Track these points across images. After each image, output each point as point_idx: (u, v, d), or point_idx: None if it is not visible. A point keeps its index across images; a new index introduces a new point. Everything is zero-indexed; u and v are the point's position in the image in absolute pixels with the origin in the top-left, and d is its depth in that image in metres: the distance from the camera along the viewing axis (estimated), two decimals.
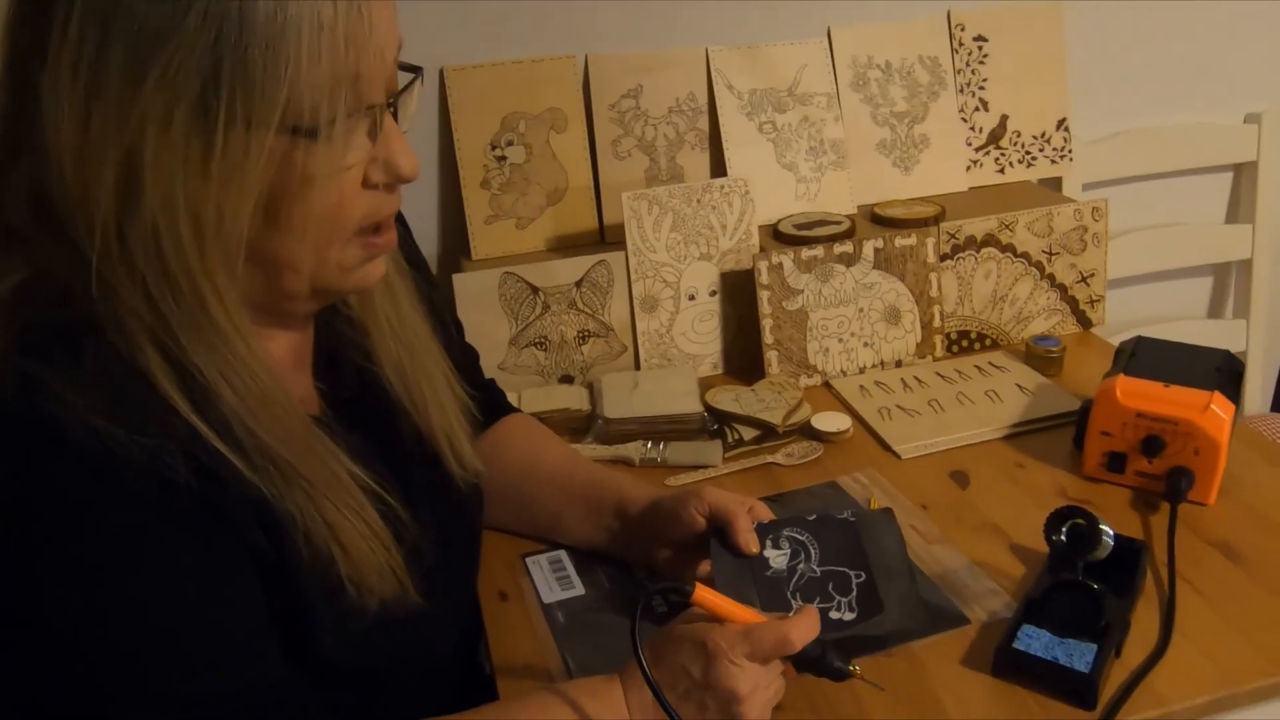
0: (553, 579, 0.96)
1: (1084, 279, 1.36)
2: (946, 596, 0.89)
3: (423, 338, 0.85)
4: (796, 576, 0.85)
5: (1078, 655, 0.80)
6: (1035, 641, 0.81)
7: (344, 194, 0.66)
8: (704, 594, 0.73)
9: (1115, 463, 1.03)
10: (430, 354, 0.86)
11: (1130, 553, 0.90)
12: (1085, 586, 0.84)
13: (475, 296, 1.23)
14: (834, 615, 0.82)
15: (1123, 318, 1.59)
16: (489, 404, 1.06)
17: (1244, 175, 1.66)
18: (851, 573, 0.85)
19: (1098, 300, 1.38)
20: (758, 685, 0.72)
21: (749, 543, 0.84)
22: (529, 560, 0.99)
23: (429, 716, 0.73)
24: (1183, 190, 1.66)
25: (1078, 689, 0.78)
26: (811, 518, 0.88)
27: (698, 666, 0.71)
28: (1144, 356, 1.07)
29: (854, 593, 0.84)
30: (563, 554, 0.99)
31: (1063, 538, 0.86)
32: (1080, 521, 0.85)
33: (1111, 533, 0.84)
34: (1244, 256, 1.68)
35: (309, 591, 0.69)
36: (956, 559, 0.94)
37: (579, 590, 0.94)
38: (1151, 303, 1.73)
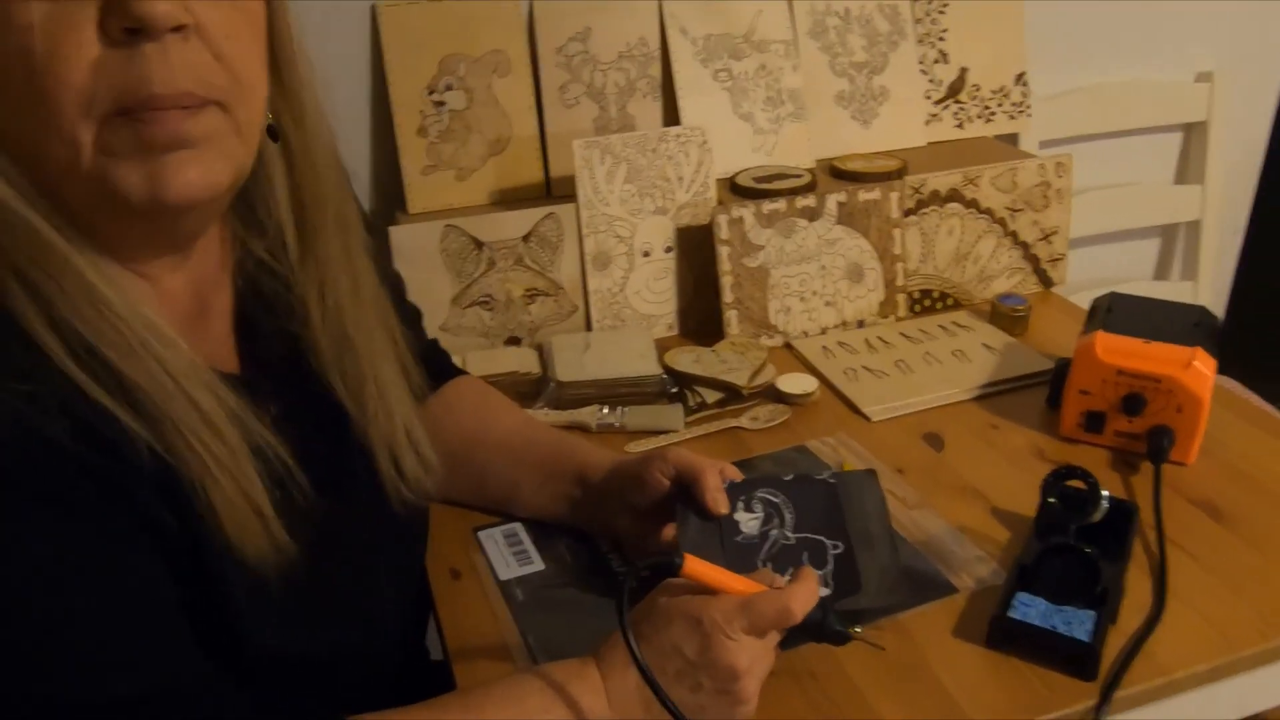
0: (509, 554, 0.88)
1: (1046, 237, 1.32)
2: (932, 564, 0.84)
3: (364, 295, 0.75)
4: (769, 544, 0.78)
5: (1076, 623, 0.75)
6: (1031, 610, 0.76)
7: (55, 42, 0.52)
8: (695, 565, 0.67)
9: (1094, 422, 0.99)
10: (372, 308, 0.76)
11: (1120, 515, 0.85)
12: (1079, 551, 0.80)
13: (414, 252, 1.14)
14: None
15: (1070, 279, 1.56)
16: (437, 366, 0.97)
17: (1194, 135, 1.65)
18: (829, 542, 0.79)
19: (1059, 259, 1.34)
20: (756, 659, 0.66)
21: (718, 501, 0.78)
22: (482, 534, 0.91)
23: (377, 710, 0.65)
24: (1134, 150, 1.64)
25: (1079, 658, 0.74)
26: (788, 478, 0.82)
27: (692, 644, 0.65)
28: (1120, 313, 1.03)
29: (830, 565, 0.78)
30: (518, 527, 0.91)
31: (1054, 500, 0.81)
32: (1078, 484, 0.81)
33: (1107, 495, 0.80)
34: (1193, 218, 1.67)
35: (225, 571, 0.60)
36: (938, 524, 0.89)
37: (538, 565, 0.87)
38: (1099, 264, 1.71)
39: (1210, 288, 1.70)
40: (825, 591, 0.76)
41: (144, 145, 0.55)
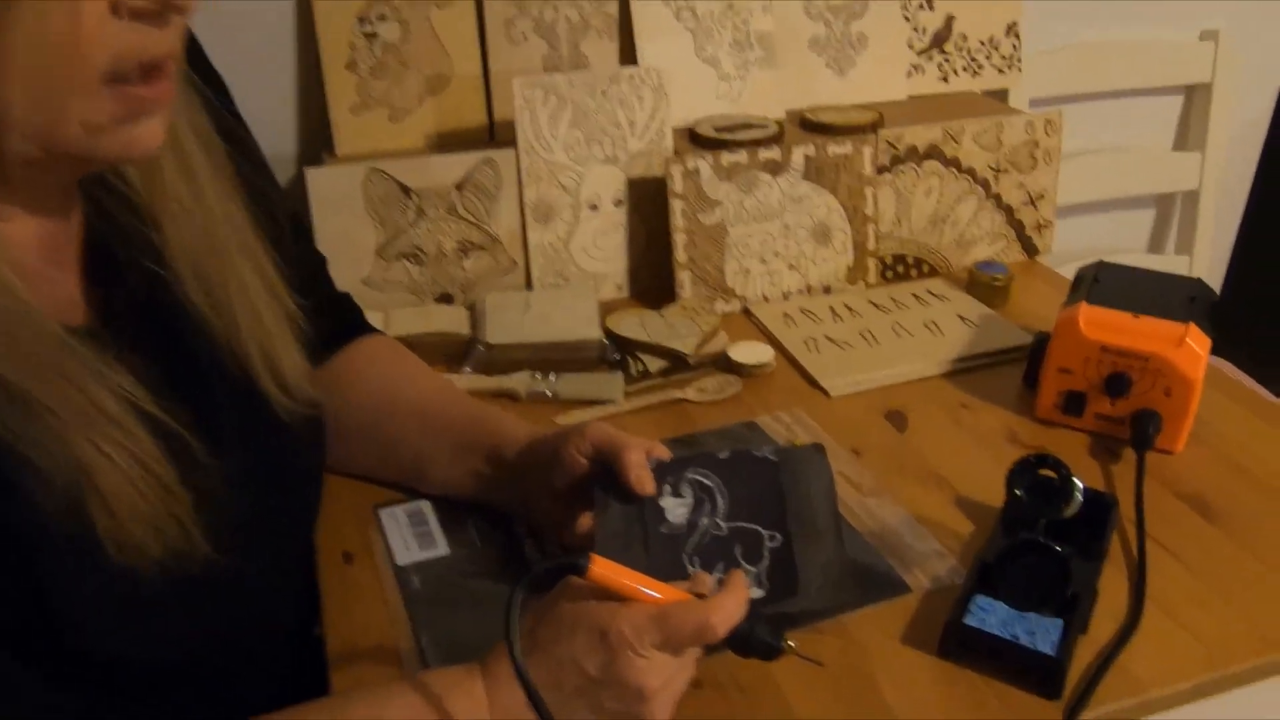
0: (410, 535, 0.78)
1: (1032, 200, 1.22)
2: (884, 559, 0.75)
3: (232, 232, 0.67)
4: (697, 534, 0.69)
5: (1041, 633, 0.66)
6: (990, 616, 0.67)
7: (79, 19, 0.48)
8: (604, 568, 0.57)
9: (1073, 404, 0.90)
10: (245, 253, 0.67)
11: (1097, 509, 0.76)
12: (1048, 549, 0.70)
13: (334, 197, 1.03)
14: None
15: (1057, 249, 1.46)
16: (341, 322, 0.87)
17: (1196, 98, 1.54)
18: (765, 533, 0.69)
19: (1046, 225, 1.24)
20: (668, 679, 0.56)
21: (641, 480, 0.68)
22: (383, 512, 0.81)
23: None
24: (1131, 112, 1.54)
25: (1041, 674, 0.65)
26: (723, 455, 0.72)
27: (595, 659, 0.56)
28: (1108, 283, 0.93)
29: (765, 561, 0.68)
30: (425, 505, 0.81)
31: (1022, 492, 0.71)
32: (1049, 473, 0.71)
33: (1082, 486, 0.70)
34: (1190, 187, 1.57)
35: (55, 560, 0.52)
36: (894, 514, 0.80)
37: (442, 550, 0.77)
38: (1088, 235, 1.61)
39: (1206, 263, 1.61)
40: (759, 593, 0.67)
41: (137, 110, 0.53)
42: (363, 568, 0.76)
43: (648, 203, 1.12)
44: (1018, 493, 0.71)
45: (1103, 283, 0.93)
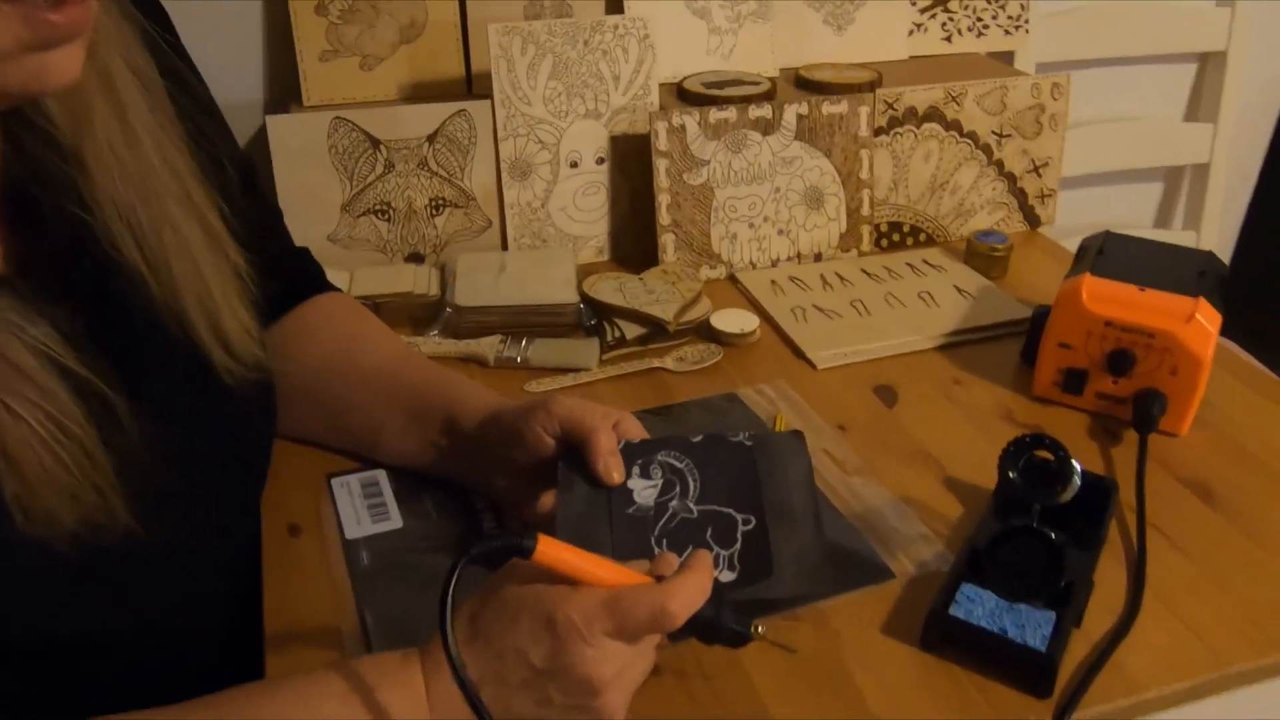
0: (363, 507, 0.73)
1: (1036, 168, 1.17)
2: (866, 542, 0.70)
3: (170, 180, 0.61)
4: (666, 517, 0.64)
5: (1031, 626, 0.61)
6: (978, 607, 0.62)
7: None
8: (551, 549, 0.52)
9: (1072, 381, 0.85)
10: (184, 203, 0.62)
11: (1096, 493, 0.71)
12: (1042, 536, 0.65)
13: (297, 148, 0.97)
14: None
15: (1058, 223, 1.41)
16: (296, 280, 0.82)
17: (1210, 67, 1.48)
18: (738, 516, 0.64)
19: (1049, 195, 1.19)
20: (622, 670, 0.52)
21: (610, 469, 0.63)
22: (335, 482, 0.76)
23: (165, 706, 0.52)
24: (1141, 80, 1.47)
25: (1031, 670, 0.60)
26: (696, 439, 0.67)
27: (540, 650, 0.51)
28: (1113, 255, 0.88)
29: (738, 545, 0.63)
30: (380, 475, 0.76)
31: (1016, 474, 0.66)
32: (1045, 455, 0.66)
33: (1081, 470, 0.65)
34: (1201, 160, 1.51)
35: None
36: (879, 494, 0.75)
37: (395, 523, 0.72)
38: (1092, 208, 1.56)
39: (1215, 239, 1.55)
40: (730, 576, 0.62)
41: (46, 37, 0.48)
42: (309, 541, 0.71)
43: (631, 161, 1.06)
44: (1011, 475, 0.66)
45: (1108, 254, 0.88)
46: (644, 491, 0.64)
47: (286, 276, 0.79)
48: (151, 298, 0.60)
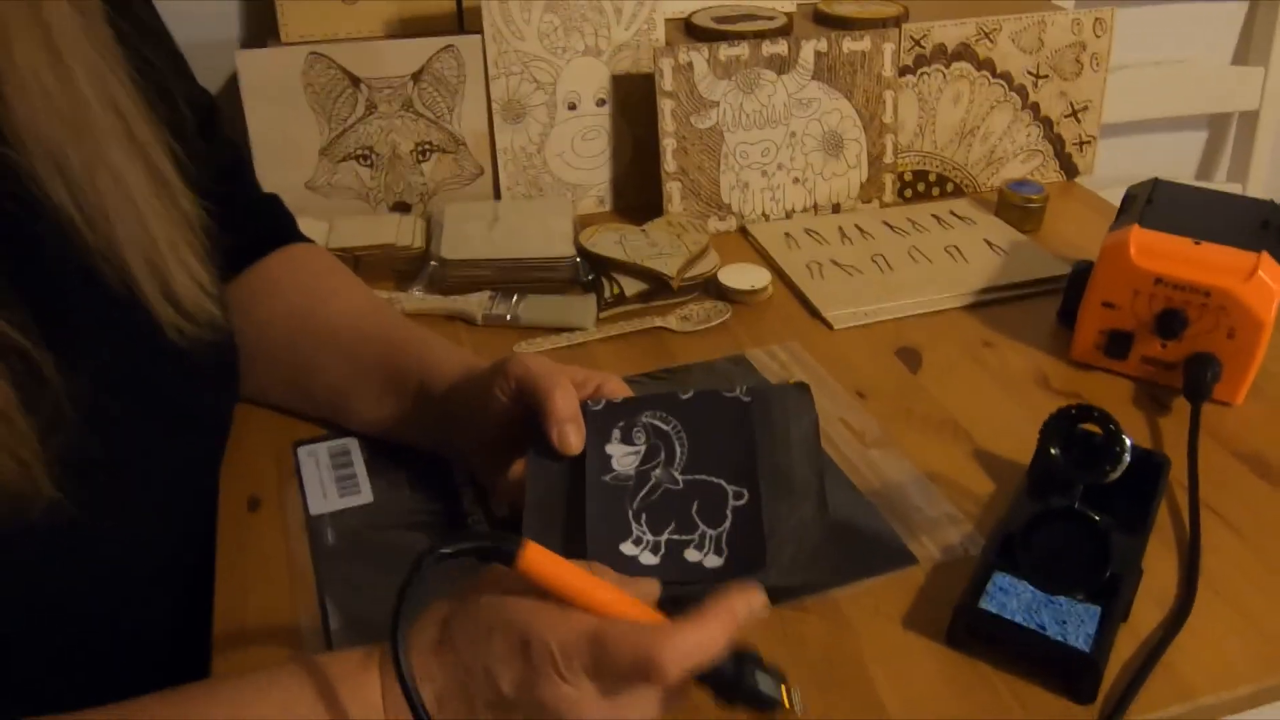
0: (330, 479, 0.67)
1: (1074, 112, 1.08)
2: (885, 522, 0.63)
3: (110, 118, 0.54)
4: (648, 488, 0.56)
5: (1074, 623, 0.54)
6: (1012, 599, 0.55)
7: None
8: (538, 561, 0.44)
9: (1116, 344, 0.77)
10: (127, 144, 0.55)
11: (1144, 470, 0.64)
12: (1084, 519, 0.58)
13: (270, 86, 0.89)
14: (691, 557, 0.54)
15: (1095, 174, 1.32)
16: (263, 229, 0.75)
17: (1262, 5, 1.37)
18: (729, 489, 0.56)
19: (1088, 142, 1.10)
20: (606, 717, 0.44)
21: (564, 436, 0.56)
22: (302, 451, 0.69)
23: (101, 707, 0.46)
24: (1186, 20, 1.37)
25: (1072, 672, 0.53)
26: (686, 395, 0.59)
27: (511, 676, 0.44)
28: (1164, 204, 0.79)
29: (727, 523, 0.55)
30: (352, 443, 0.70)
31: (1059, 450, 0.59)
32: (1093, 429, 0.58)
33: (1130, 444, 0.58)
34: (1249, 107, 1.41)
35: None
36: (901, 469, 0.68)
37: (365, 497, 0.65)
38: (1130, 158, 1.46)
39: (1261, 191, 1.45)
40: (716, 562, 0.54)
41: None
42: (270, 517, 0.64)
43: (634, 103, 0.98)
44: (1053, 452, 0.59)
45: (1157, 204, 0.79)
46: (624, 458, 0.57)
47: (251, 226, 0.72)
48: (87, 248, 0.53)
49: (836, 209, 1.01)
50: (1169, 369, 0.76)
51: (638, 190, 1.01)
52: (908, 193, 1.04)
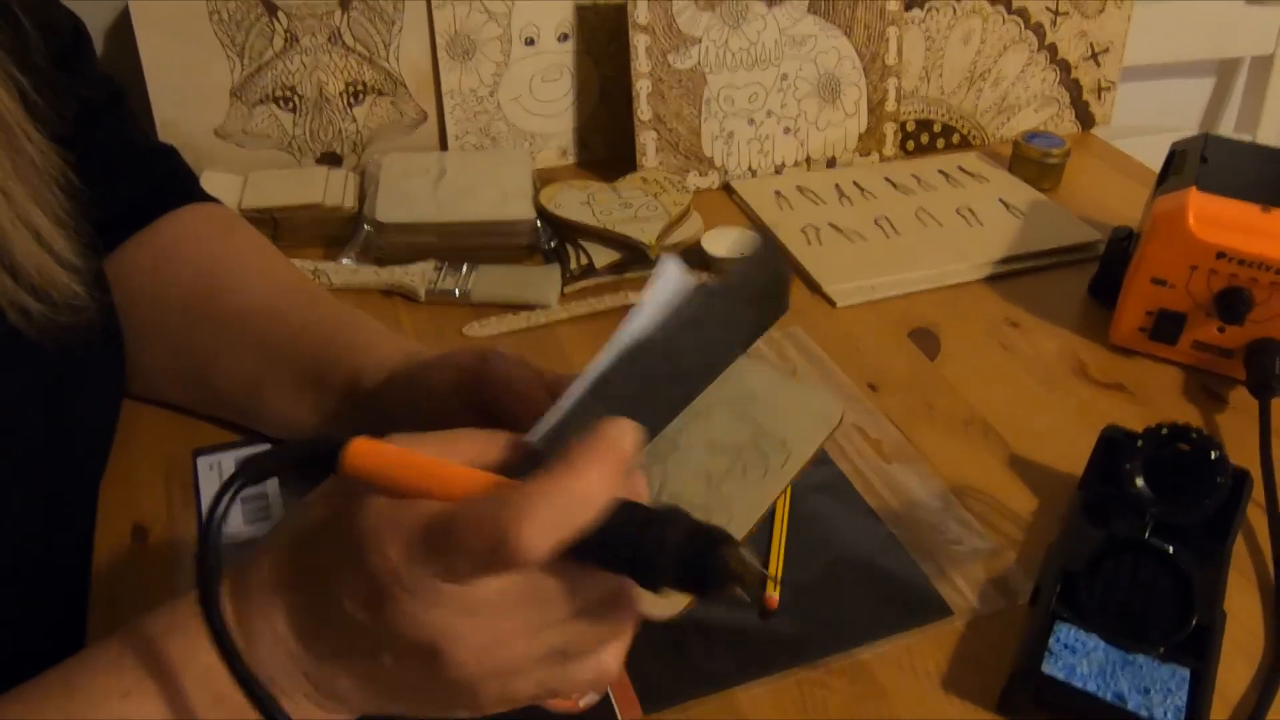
0: (236, 500, 0.54)
1: (1094, 55, 0.96)
2: (914, 563, 0.52)
3: None
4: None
5: (1159, 690, 0.44)
6: (1081, 660, 0.45)
7: None
8: (367, 454, 0.32)
9: (1165, 327, 0.66)
10: None
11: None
12: (1159, 554, 0.48)
13: (166, 15, 0.75)
14: None
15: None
16: (152, 186, 0.61)
17: None
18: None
19: (1107, 88, 0.98)
20: (474, 630, 0.31)
21: (525, 397, 0.44)
22: (203, 461, 0.57)
23: None
24: None
25: None
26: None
27: (357, 597, 0.32)
28: (1220, 164, 0.68)
29: None
30: (266, 451, 0.57)
31: (1145, 483, 0.48)
32: (1183, 447, 0.48)
33: (1230, 467, 0.47)
34: (1263, 52, 1.30)
35: None
36: (928, 488, 0.57)
37: (277, 520, 0.53)
38: (1129, 107, 1.35)
39: (1273, 141, 1.35)
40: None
41: None
42: (157, 549, 0.52)
43: (603, 39, 0.85)
44: (1139, 483, 0.48)
45: (1212, 163, 0.68)
46: None
47: (136, 183, 0.59)
48: None
49: (832, 163, 0.89)
50: (1226, 356, 0.66)
51: (606, 141, 0.88)
52: (910, 144, 0.93)
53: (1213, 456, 0.46)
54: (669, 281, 0.35)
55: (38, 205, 0.45)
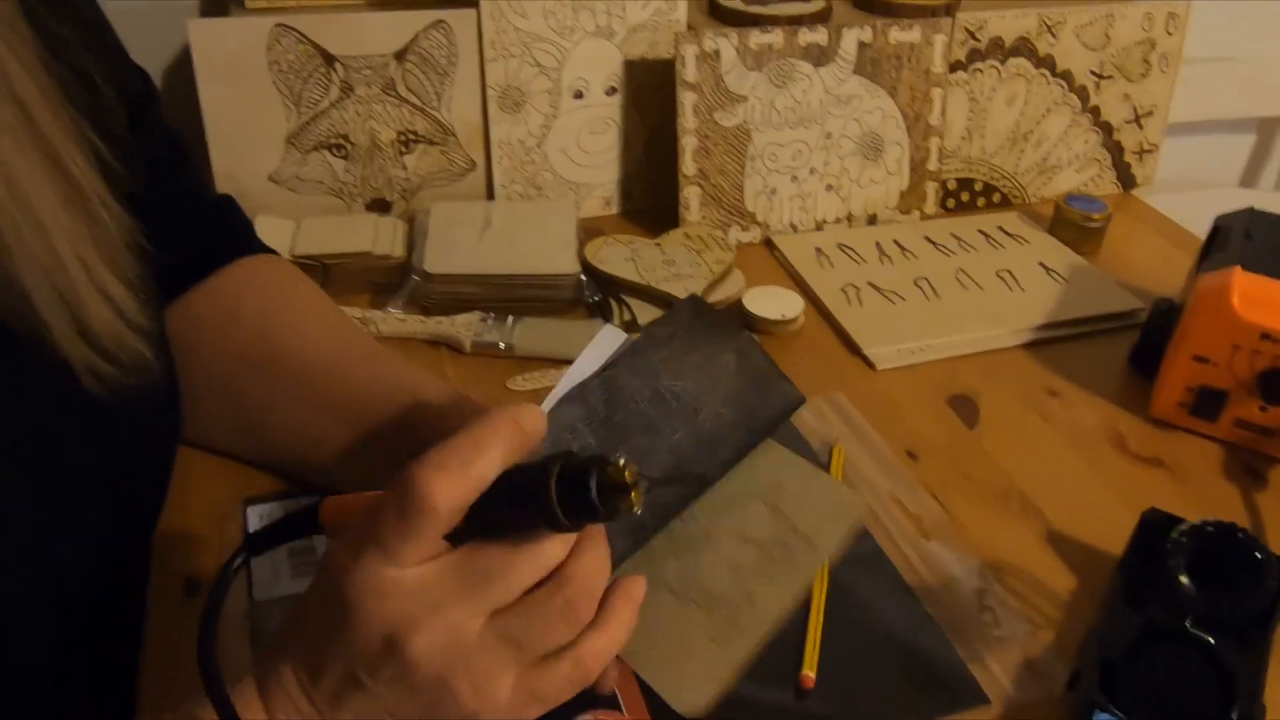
0: (283, 553, 0.55)
1: (1138, 118, 0.96)
2: (951, 647, 0.52)
3: (2, 101, 0.43)
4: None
5: None
6: None
7: None
8: (336, 505, 0.39)
9: (1206, 404, 0.66)
10: (19, 133, 0.44)
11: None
12: (1199, 643, 0.48)
13: (227, 62, 0.77)
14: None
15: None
16: (211, 238, 0.63)
17: None
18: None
19: (1150, 150, 0.99)
20: (423, 607, 0.34)
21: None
22: (252, 512, 0.58)
23: None
24: (1240, 14, 1.25)
25: None
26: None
27: (330, 616, 0.36)
28: (1265, 240, 0.69)
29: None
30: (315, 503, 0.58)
31: (1189, 580, 0.48)
32: (1227, 543, 0.48)
33: (1276, 568, 0.47)
34: None
35: None
36: (962, 565, 0.57)
37: None
38: (1169, 162, 1.35)
39: None
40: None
41: None
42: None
43: (649, 94, 0.86)
44: (1183, 580, 0.48)
45: (1258, 240, 0.69)
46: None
47: (195, 237, 0.61)
48: None
49: (873, 220, 0.90)
50: (1268, 435, 0.65)
51: (649, 192, 0.89)
52: (950, 203, 0.93)
53: (1259, 557, 0.46)
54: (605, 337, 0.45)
55: (110, 270, 0.47)
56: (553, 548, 0.35)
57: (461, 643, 0.35)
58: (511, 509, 0.35)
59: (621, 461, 0.33)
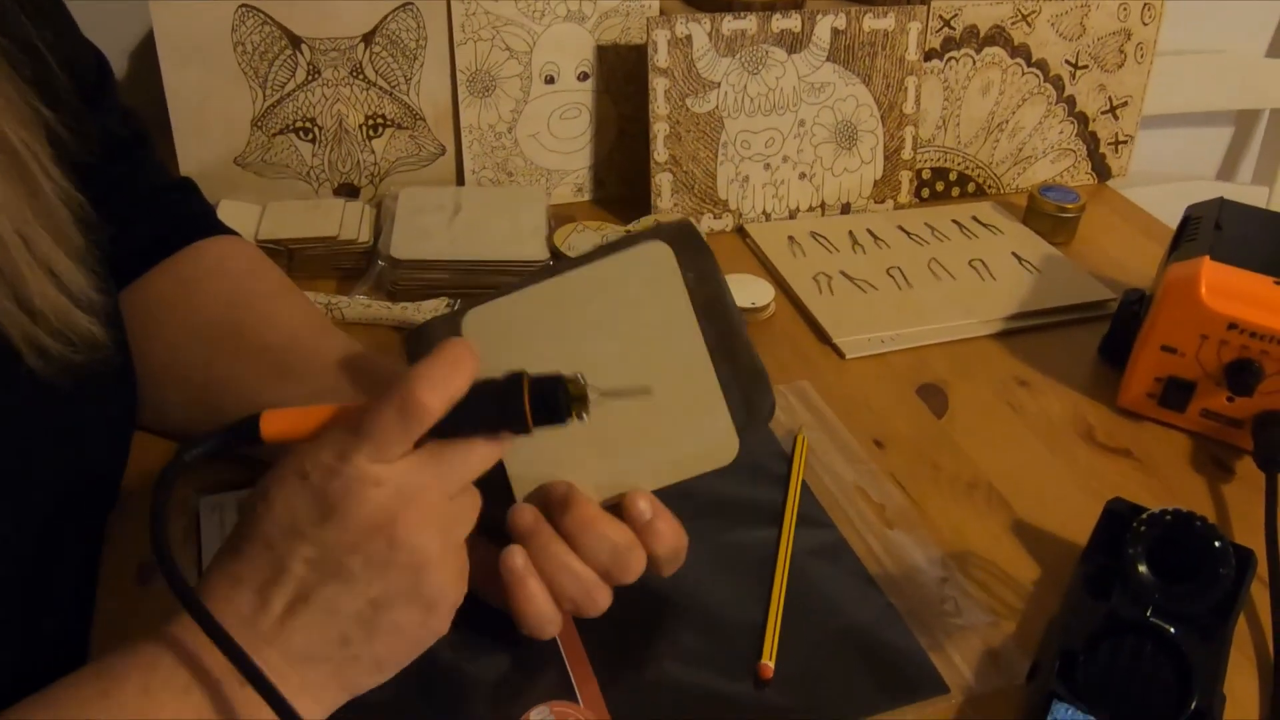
0: (233, 514, 0.54)
1: (1113, 108, 0.96)
2: (912, 636, 0.51)
3: None
4: None
5: None
6: None
7: None
8: (277, 416, 0.43)
9: (1174, 394, 0.66)
10: None
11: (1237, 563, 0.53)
12: (1160, 634, 0.48)
13: (191, 44, 0.75)
14: None
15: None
16: (169, 220, 0.62)
17: None
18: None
19: (1125, 141, 0.98)
20: (414, 497, 0.40)
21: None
22: (206, 503, 0.57)
23: None
24: (1219, 9, 1.26)
25: None
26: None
27: (305, 507, 0.40)
28: (1235, 231, 0.69)
29: None
30: None
31: (1148, 568, 0.48)
32: (1186, 532, 0.48)
33: (1235, 561, 0.47)
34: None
35: None
36: (929, 556, 0.56)
37: None
38: (1145, 154, 1.35)
39: None
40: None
41: None
42: (161, 594, 0.52)
43: (621, 80, 0.85)
44: (1141, 569, 0.48)
45: (1227, 230, 0.68)
46: None
47: (156, 217, 0.60)
48: None
49: (846, 209, 0.89)
50: (1234, 426, 0.65)
51: (621, 179, 0.89)
52: (925, 192, 0.93)
53: (1217, 546, 0.46)
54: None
55: (57, 244, 0.46)
56: (495, 446, 0.42)
57: (439, 516, 0.41)
58: (482, 414, 0.41)
59: (582, 379, 0.42)
